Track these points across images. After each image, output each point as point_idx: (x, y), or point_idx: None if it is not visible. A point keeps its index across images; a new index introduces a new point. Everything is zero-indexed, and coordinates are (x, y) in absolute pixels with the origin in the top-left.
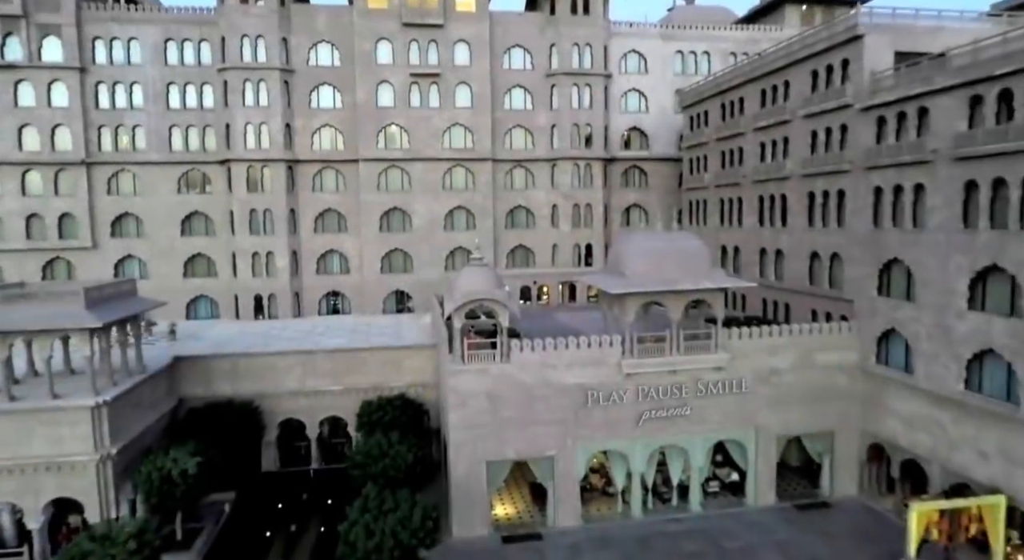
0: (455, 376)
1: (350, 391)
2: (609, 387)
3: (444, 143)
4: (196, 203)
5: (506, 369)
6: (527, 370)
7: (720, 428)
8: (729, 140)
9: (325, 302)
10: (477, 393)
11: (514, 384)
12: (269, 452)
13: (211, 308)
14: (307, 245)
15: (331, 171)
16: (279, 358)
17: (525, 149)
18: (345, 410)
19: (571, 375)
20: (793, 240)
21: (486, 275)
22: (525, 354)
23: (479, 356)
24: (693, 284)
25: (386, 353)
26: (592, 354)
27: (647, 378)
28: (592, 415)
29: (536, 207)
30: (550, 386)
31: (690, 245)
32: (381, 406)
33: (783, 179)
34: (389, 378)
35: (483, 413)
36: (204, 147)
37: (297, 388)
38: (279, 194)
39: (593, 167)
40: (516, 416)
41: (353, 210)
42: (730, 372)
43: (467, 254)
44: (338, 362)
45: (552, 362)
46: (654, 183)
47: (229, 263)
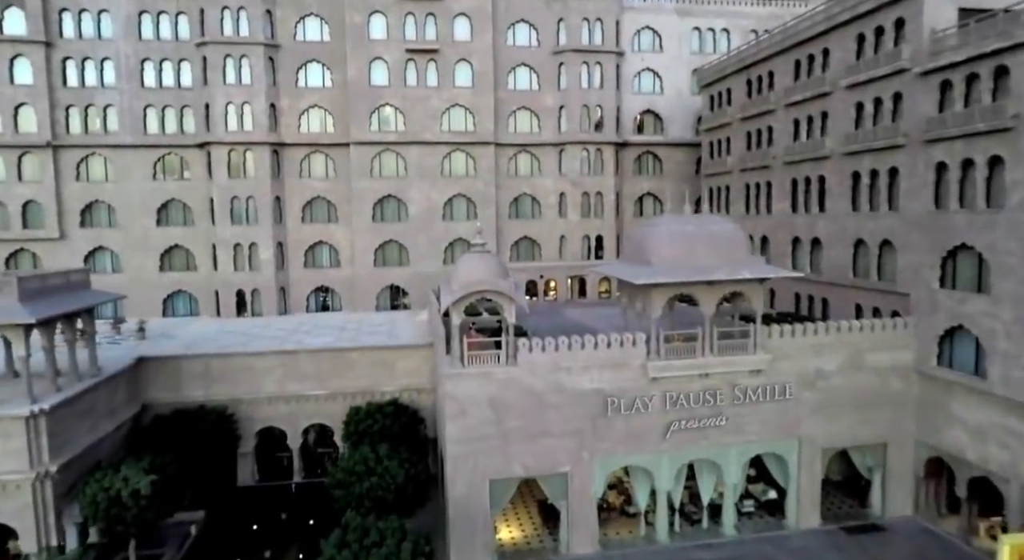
0: (453, 380)
1: (336, 396)
2: (632, 393)
3: (443, 125)
4: (173, 190)
5: (512, 372)
6: (537, 374)
7: (758, 439)
8: (756, 119)
9: (314, 298)
10: (478, 400)
11: (522, 390)
12: (246, 464)
13: (190, 304)
14: (294, 236)
15: (320, 156)
16: (257, 359)
17: (530, 132)
18: (331, 417)
19: (588, 379)
20: (833, 227)
21: (489, 264)
22: (534, 355)
23: (481, 357)
24: (730, 274)
25: (377, 353)
26: (612, 355)
27: (676, 383)
28: (612, 426)
29: (542, 195)
30: (563, 392)
31: (724, 229)
32: (370, 413)
33: (821, 159)
34: (380, 381)
35: (485, 423)
36: (182, 129)
37: (277, 392)
38: (263, 180)
39: (604, 152)
40: (524, 427)
41: (344, 198)
42: (770, 375)
43: (468, 245)
44: (323, 363)
45: (566, 364)
46: (669, 170)
47: (209, 255)
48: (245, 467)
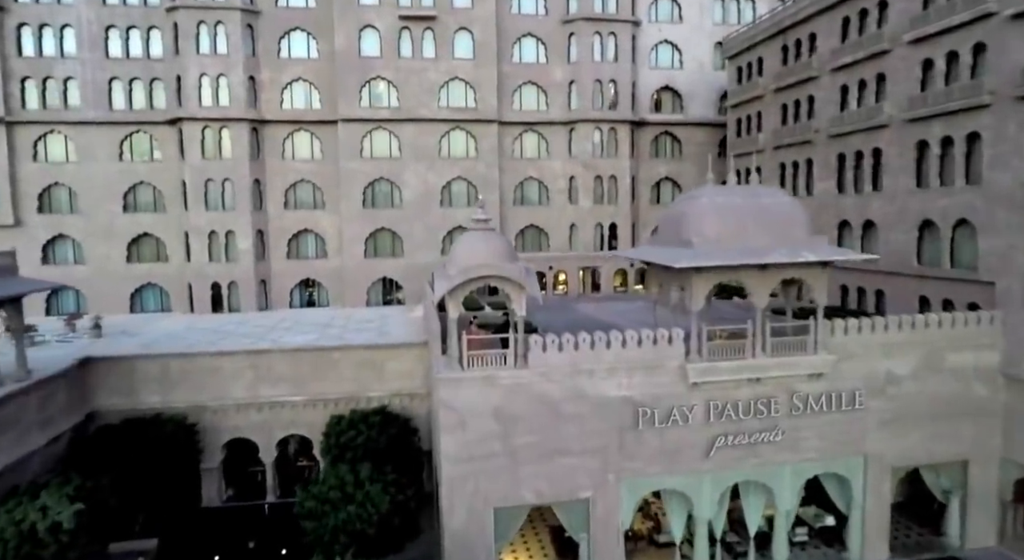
0: (449, 386)
1: (316, 402)
2: (668, 402)
3: (440, 101)
4: (142, 172)
5: (523, 377)
6: (552, 378)
7: (817, 457)
8: (793, 89)
9: (298, 292)
10: (481, 410)
11: (534, 398)
12: (211, 482)
13: (161, 299)
14: (275, 223)
15: (304, 134)
16: (224, 360)
17: (537, 110)
18: (310, 427)
19: (614, 385)
20: (891, 207)
21: (494, 244)
22: (550, 355)
23: (484, 358)
24: (790, 256)
25: (363, 353)
26: (644, 356)
27: (721, 389)
28: (644, 441)
29: (550, 179)
30: (585, 400)
31: (779, 202)
32: (354, 423)
33: (877, 128)
34: (367, 385)
35: (489, 439)
36: (151, 104)
37: (247, 398)
38: (241, 161)
39: (618, 132)
40: (536, 443)
41: (331, 181)
42: (832, 380)
43: None
44: (301, 365)
45: (588, 367)
46: (689, 152)
47: (182, 245)
48: (210, 485)
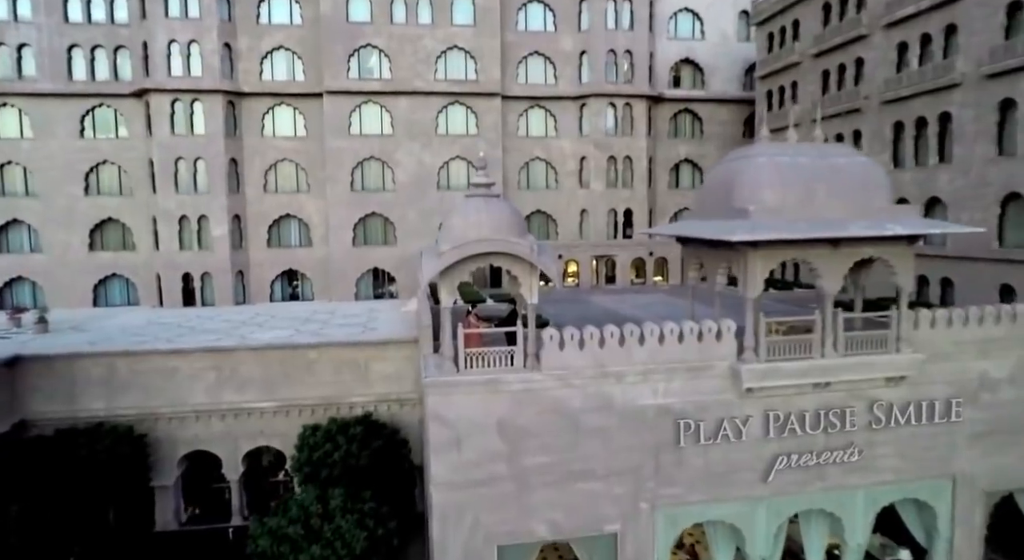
0: (442, 393)
1: (289, 409)
2: (717, 413)
3: (438, 72)
4: (106, 150)
5: (534, 381)
6: (572, 383)
7: (895, 479)
8: (838, 52)
9: (280, 284)
10: (481, 424)
11: (548, 408)
12: (166, 502)
13: (127, 291)
14: (254, 207)
15: (286, 109)
16: (181, 359)
17: (545, 83)
18: (283, 438)
19: (649, 392)
20: (964, 180)
21: (498, 212)
22: (569, 354)
23: (486, 358)
24: (874, 229)
25: (344, 352)
26: (687, 354)
27: (782, 397)
28: (686, 462)
29: (559, 160)
30: (612, 411)
31: (855, 164)
32: (331, 435)
33: (946, 89)
34: (348, 390)
35: (492, 459)
36: (115, 74)
37: (208, 405)
38: (215, 138)
39: (634, 108)
40: (551, 464)
41: (316, 161)
42: (915, 385)
43: None
44: (271, 366)
45: (616, 368)
46: (711, 132)
47: (150, 231)
48: (165, 505)
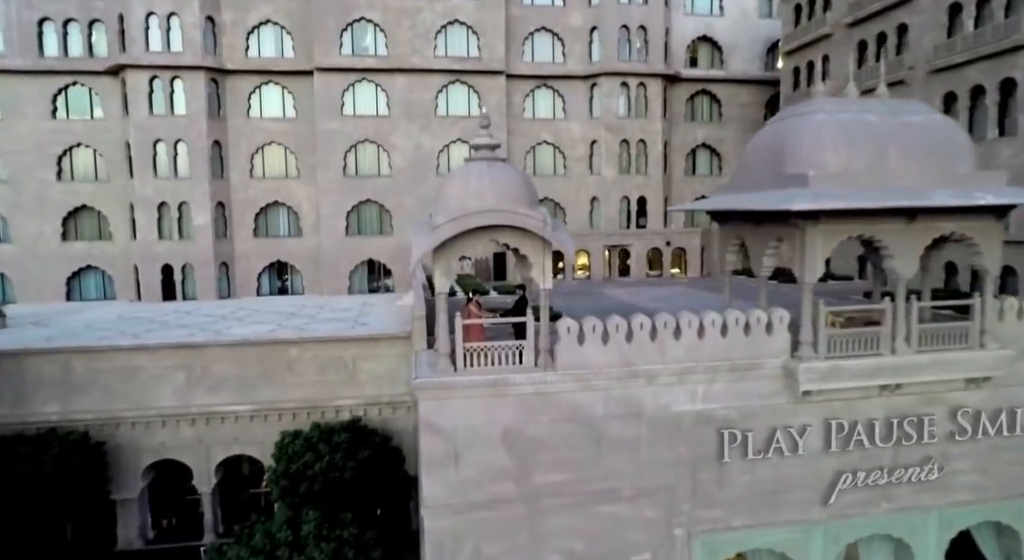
0: (436, 397)
1: (268, 414)
2: (768, 421)
3: (437, 48)
4: (80, 132)
5: (548, 383)
6: (593, 385)
7: (974, 500)
8: (877, 19)
9: (268, 277)
10: (484, 434)
11: (565, 414)
12: (129, 517)
13: (103, 285)
14: (239, 194)
15: (274, 87)
16: (144, 356)
17: (553, 61)
18: (261, 445)
19: (686, 396)
20: None
21: (504, 178)
22: (590, 349)
23: (490, 355)
24: (960, 197)
25: (329, 348)
26: (731, 350)
27: (845, 402)
28: (730, 480)
29: (568, 144)
30: (641, 419)
31: (934, 122)
32: (311, 444)
33: (1009, 52)
34: (335, 391)
35: (496, 477)
36: (90, 50)
37: (177, 408)
38: (197, 119)
39: (649, 88)
40: (568, 483)
41: (306, 144)
42: (1002, 388)
43: None
44: (248, 365)
45: (646, 367)
46: (731, 115)
47: (127, 219)
48: (128, 521)
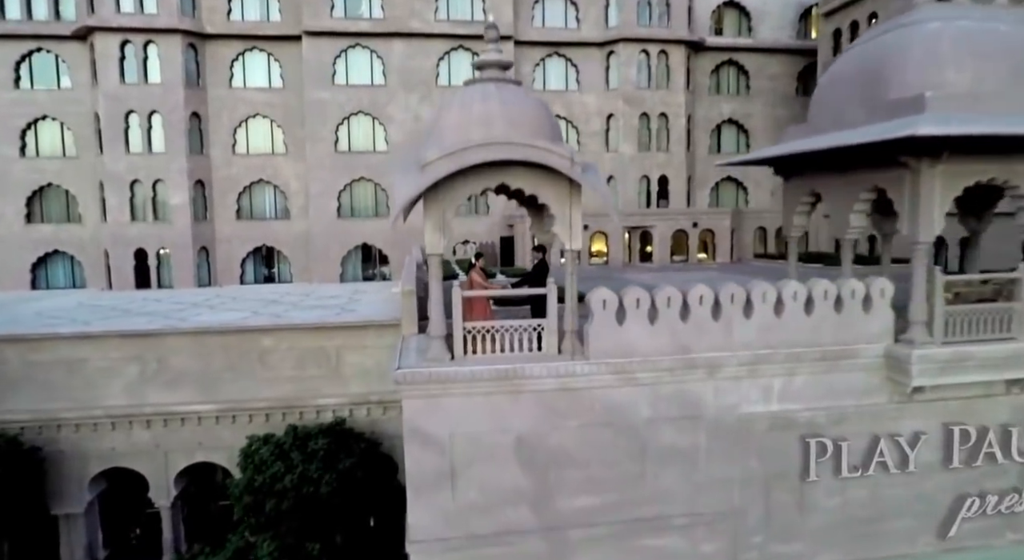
0: (425, 394)
1: (237, 414)
2: (865, 426)
3: (439, 11)
4: (45, 103)
5: (577, 375)
6: (636, 378)
7: None
8: None
9: (253, 263)
10: (491, 444)
11: (599, 418)
12: (76, 534)
13: (72, 272)
14: (221, 171)
15: (260, 54)
16: (91, 347)
17: (565, 27)
18: (228, 452)
19: (758, 392)
20: None
21: (517, 102)
22: (632, 330)
23: (499, 337)
24: None
25: (308, 338)
26: (817, 333)
27: (962, 401)
28: (815, 503)
29: (582, 118)
30: (699, 423)
31: None
32: (283, 451)
33: None
34: (315, 388)
35: (508, 501)
36: (56, 13)
37: (129, 408)
38: (174, 88)
39: (671, 56)
40: (603, 508)
41: (294, 116)
42: None
43: None
44: (213, 357)
45: (706, 355)
46: (760, 87)
47: (98, 200)
48: (74, 539)
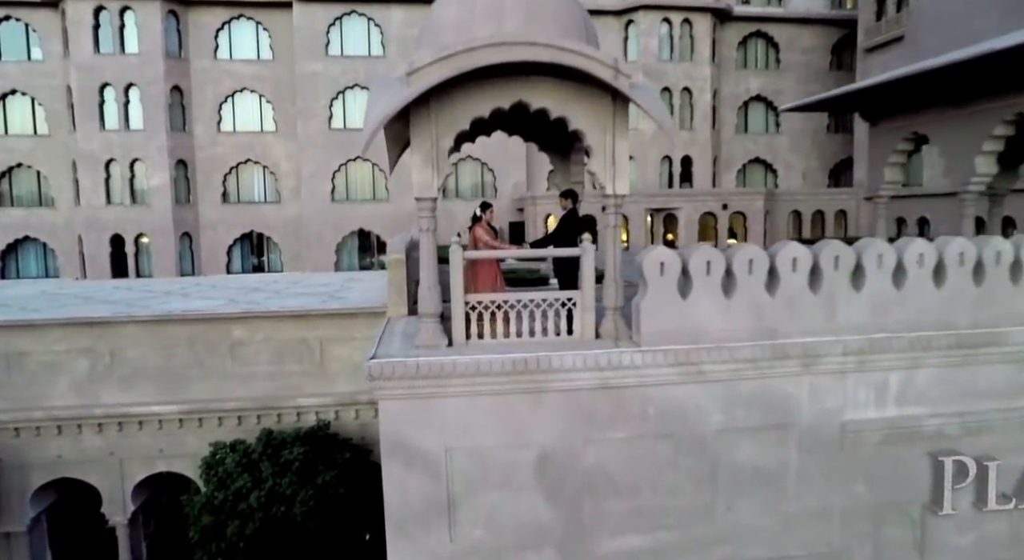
0: (408, 395)
1: (205, 417)
2: (1018, 436)
3: None
4: (15, 77)
5: (621, 368)
6: (704, 372)
7: None
8: None
9: (240, 250)
10: (502, 463)
11: (653, 427)
12: (19, 555)
13: (44, 259)
14: (205, 151)
15: (247, 23)
16: (32, 338)
17: None
18: (193, 461)
19: (868, 392)
20: None
21: None
22: (700, 303)
23: (512, 316)
24: None
25: (288, 327)
26: (948, 311)
27: None
28: (942, 541)
29: None
30: (789, 434)
31: None
32: (250, 461)
33: None
34: (296, 385)
35: (527, 541)
36: None
37: (78, 409)
38: (152, 59)
39: (696, 25)
40: (659, 550)
41: (284, 91)
42: None
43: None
44: (176, 350)
45: (801, 340)
46: (791, 61)
47: (72, 181)
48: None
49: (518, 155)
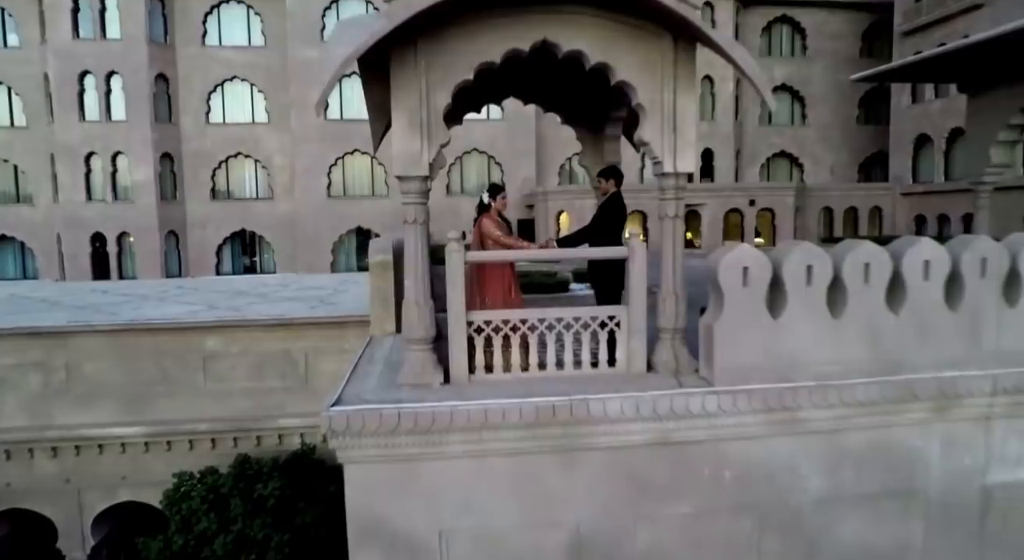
0: (385, 457)
1: (174, 440)
2: None
3: None
4: None
5: (688, 417)
6: (800, 419)
7: None
8: None
9: (230, 251)
10: (521, 548)
11: (729, 496)
12: None
13: (22, 260)
14: (193, 144)
15: (237, 7)
16: None
17: None
18: (161, 489)
19: (1020, 448)
20: None
21: None
22: (795, 326)
23: (539, 337)
24: None
25: (269, 338)
26: None
27: None
28: None
29: None
30: (913, 502)
31: None
32: (218, 497)
33: None
34: (277, 404)
35: None
36: None
37: (30, 431)
38: (136, 45)
39: (717, 8)
40: None
41: (277, 79)
42: None
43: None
44: (141, 364)
45: (933, 376)
46: (818, 48)
47: (51, 177)
48: None
49: (527, 148)
